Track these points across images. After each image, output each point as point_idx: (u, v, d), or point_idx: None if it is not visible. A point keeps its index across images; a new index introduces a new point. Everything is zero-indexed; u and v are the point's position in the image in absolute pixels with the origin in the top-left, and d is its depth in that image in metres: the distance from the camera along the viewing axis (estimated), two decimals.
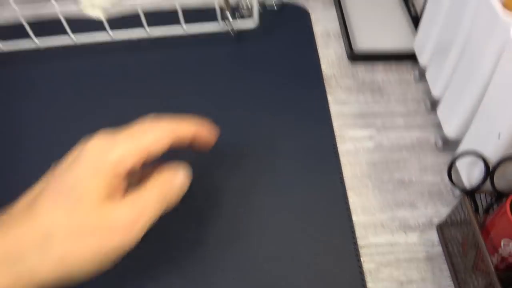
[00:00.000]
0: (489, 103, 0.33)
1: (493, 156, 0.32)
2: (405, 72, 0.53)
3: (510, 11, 0.30)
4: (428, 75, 0.46)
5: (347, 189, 0.42)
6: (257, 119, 0.48)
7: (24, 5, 0.52)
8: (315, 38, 0.57)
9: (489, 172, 0.32)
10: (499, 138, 0.31)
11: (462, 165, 0.37)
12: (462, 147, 0.38)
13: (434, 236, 0.39)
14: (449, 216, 0.37)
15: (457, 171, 0.39)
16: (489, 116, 0.33)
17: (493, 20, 0.31)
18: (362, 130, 0.47)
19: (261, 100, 0.50)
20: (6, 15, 0.58)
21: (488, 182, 0.33)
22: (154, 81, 0.52)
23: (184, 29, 0.54)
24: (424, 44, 0.47)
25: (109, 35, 0.53)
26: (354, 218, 0.40)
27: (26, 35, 0.52)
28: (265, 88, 0.51)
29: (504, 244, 0.30)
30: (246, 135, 0.46)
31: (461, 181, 0.38)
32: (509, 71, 0.29)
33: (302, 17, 0.61)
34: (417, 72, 0.51)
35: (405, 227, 0.39)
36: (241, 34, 0.56)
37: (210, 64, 0.54)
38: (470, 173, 0.36)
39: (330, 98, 0.50)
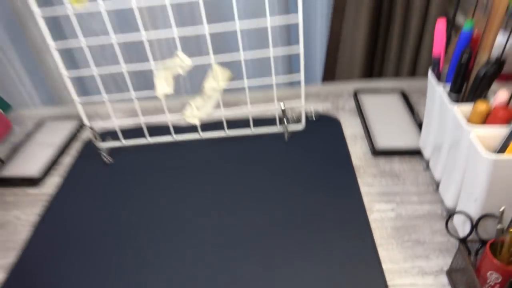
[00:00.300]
0: (467, 180, 0.50)
1: (474, 214, 0.48)
2: (416, 163, 0.71)
3: (471, 123, 0.50)
4: (431, 165, 0.64)
5: (377, 246, 0.57)
6: (303, 200, 0.66)
7: (145, 116, 0.76)
8: (346, 139, 0.78)
9: (474, 226, 0.48)
10: (475, 202, 0.47)
11: (458, 222, 0.53)
12: (456, 211, 0.54)
13: (444, 279, 0.52)
14: (453, 262, 0.51)
15: (455, 228, 0.54)
16: (468, 188, 0.50)
17: (461, 129, 0.50)
18: (386, 204, 0.64)
19: (306, 185, 0.68)
20: (129, 122, 0.82)
21: (474, 233, 0.48)
22: (229, 169, 0.72)
23: (252, 130, 0.76)
24: (425, 144, 0.66)
25: (199, 135, 0.75)
26: (384, 266, 0.55)
27: (141, 135, 0.74)
28: (310, 176, 0.70)
29: (489, 274, 0.45)
30: (294, 212, 0.64)
31: (458, 234, 0.53)
32: (474, 160, 0.47)
33: (335, 124, 0.82)
34: (424, 163, 0.69)
35: (423, 273, 0.53)
36: (291, 135, 0.77)
37: (270, 155, 0.74)
38: (463, 228, 0.51)
39: (360, 181, 0.68)
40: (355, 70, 0.93)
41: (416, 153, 0.71)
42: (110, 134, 0.81)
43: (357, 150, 0.75)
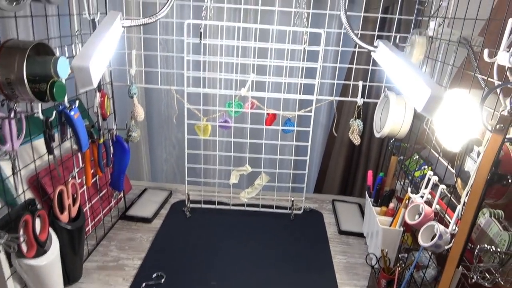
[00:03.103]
0: (376, 241, 1.10)
1: (378, 255, 1.08)
2: (360, 239, 1.31)
3: (379, 215, 1.13)
4: (367, 240, 1.25)
5: (335, 273, 1.14)
6: (297, 249, 1.24)
7: (219, 193, 1.39)
8: (325, 224, 1.39)
9: (377, 260, 1.07)
10: (378, 248, 1.07)
11: (373, 259, 1.11)
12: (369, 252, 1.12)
13: None
14: (369, 280, 1.09)
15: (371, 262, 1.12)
16: (376, 244, 1.10)
17: (374, 217, 1.12)
18: (342, 257, 1.22)
19: (301, 243, 1.27)
20: (206, 196, 1.43)
21: (378, 264, 1.07)
22: (257, 230, 1.31)
23: (274, 210, 1.37)
24: (364, 229, 1.27)
25: (245, 207, 1.36)
26: (338, 281, 1.11)
27: (213, 203, 1.36)
28: (304, 238, 1.29)
29: (382, 281, 1.02)
30: (290, 257, 1.22)
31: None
32: (377, 230, 1.08)
33: (319, 216, 1.44)
34: (364, 239, 1.30)
35: (356, 286, 1.10)
36: (295, 216, 1.39)
37: (282, 225, 1.34)
38: (372, 262, 1.10)
39: (330, 245, 1.27)
40: (334, 188, 1.60)
41: (361, 234, 1.32)
42: (191, 201, 1.42)
43: (331, 230, 1.36)
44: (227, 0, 1.17)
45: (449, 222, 0.82)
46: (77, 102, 0.95)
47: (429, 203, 0.94)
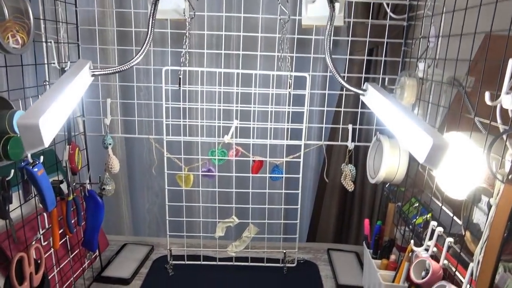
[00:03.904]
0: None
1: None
2: None
3: (379, 268, 1.03)
4: None
5: None
6: None
7: (204, 248, 1.27)
8: (321, 277, 1.27)
9: None
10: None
11: None
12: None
13: None
14: None
15: None
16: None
17: (375, 271, 1.02)
18: None
19: None
20: (189, 251, 1.31)
21: None
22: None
23: (265, 264, 1.26)
24: (365, 282, 1.17)
25: (233, 263, 1.25)
26: None
27: (198, 259, 1.24)
28: None
29: None
30: None
31: None
32: (379, 286, 0.98)
33: (314, 267, 1.33)
34: None
35: None
36: (287, 269, 1.27)
37: (274, 280, 1.22)
38: None
39: None
40: (328, 235, 1.49)
41: None
42: (173, 257, 1.30)
43: (328, 285, 1.24)
44: (208, 45, 1.13)
45: (460, 281, 0.73)
46: (42, 157, 0.86)
47: (435, 256, 0.85)
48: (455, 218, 0.80)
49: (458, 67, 0.83)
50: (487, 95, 0.61)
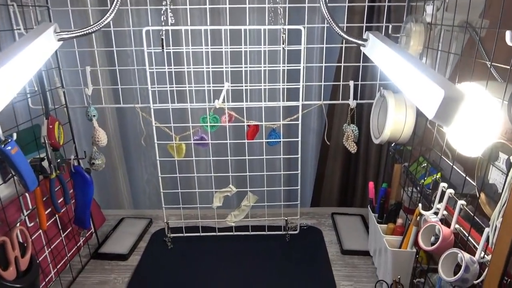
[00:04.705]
0: (385, 264, 0.95)
1: (389, 281, 0.92)
2: (366, 259, 1.15)
3: (386, 235, 0.97)
4: (373, 259, 1.09)
5: None
6: (296, 276, 1.08)
7: (202, 219, 1.22)
8: (325, 243, 1.23)
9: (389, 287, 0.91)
10: (388, 274, 0.91)
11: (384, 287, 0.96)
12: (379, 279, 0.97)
13: None
14: None
15: None
16: (386, 268, 0.94)
17: (381, 237, 0.96)
18: (348, 282, 1.06)
19: (298, 269, 1.11)
20: (189, 223, 1.27)
21: None
22: (248, 256, 1.15)
23: (266, 232, 1.21)
24: (370, 247, 1.12)
25: (233, 232, 1.20)
26: None
27: (197, 231, 1.20)
28: (301, 263, 1.13)
29: None
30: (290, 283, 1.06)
31: None
32: (386, 252, 0.93)
33: (318, 233, 1.28)
34: (371, 259, 1.14)
35: None
36: (290, 237, 1.23)
37: (276, 249, 1.18)
38: None
39: (333, 269, 1.11)
40: (333, 199, 1.44)
41: (367, 252, 1.16)
42: (171, 229, 1.25)
43: (332, 250, 1.20)
44: (192, 0, 1.01)
45: (474, 247, 0.67)
46: (14, 135, 0.79)
47: (445, 220, 0.78)
48: (467, 178, 0.72)
49: (471, 10, 0.72)
50: (508, 34, 0.51)
